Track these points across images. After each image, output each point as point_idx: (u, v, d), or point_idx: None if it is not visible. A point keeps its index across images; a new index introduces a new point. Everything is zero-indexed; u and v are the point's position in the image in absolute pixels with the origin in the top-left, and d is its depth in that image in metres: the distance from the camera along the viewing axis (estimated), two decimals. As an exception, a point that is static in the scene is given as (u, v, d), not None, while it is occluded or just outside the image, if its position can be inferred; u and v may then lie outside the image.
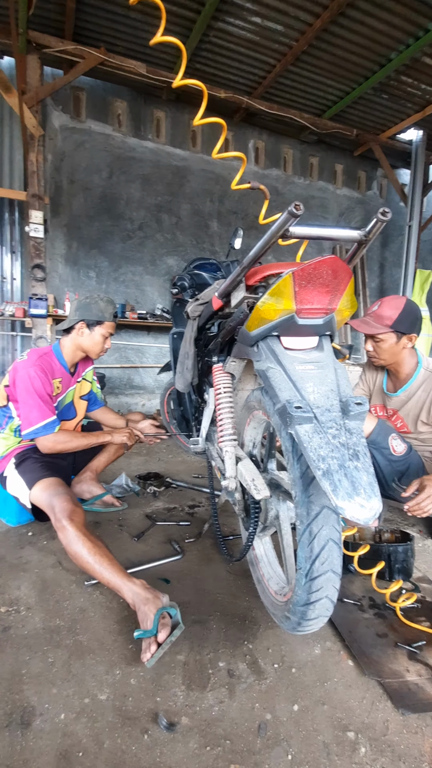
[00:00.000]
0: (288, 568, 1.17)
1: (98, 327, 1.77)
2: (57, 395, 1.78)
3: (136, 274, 4.67)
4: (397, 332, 1.66)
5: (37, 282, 3.68)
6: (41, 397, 1.62)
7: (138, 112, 4.51)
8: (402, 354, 1.73)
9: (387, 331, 1.66)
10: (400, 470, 1.78)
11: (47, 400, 1.65)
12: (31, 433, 1.61)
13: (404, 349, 1.72)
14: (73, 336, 1.79)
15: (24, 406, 1.62)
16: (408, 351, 1.74)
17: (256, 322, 1.09)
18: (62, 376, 1.80)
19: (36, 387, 1.62)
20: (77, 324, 1.77)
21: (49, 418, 1.63)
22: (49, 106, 4.09)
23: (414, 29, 3.37)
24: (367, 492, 0.81)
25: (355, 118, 4.70)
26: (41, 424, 1.61)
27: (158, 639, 1.10)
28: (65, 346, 1.81)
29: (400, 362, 1.76)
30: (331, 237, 1.03)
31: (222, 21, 3.38)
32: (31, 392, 1.61)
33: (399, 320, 1.64)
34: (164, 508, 2.09)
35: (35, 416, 1.60)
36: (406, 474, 1.78)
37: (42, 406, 1.62)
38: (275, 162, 5.20)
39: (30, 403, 1.61)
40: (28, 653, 1.13)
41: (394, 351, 1.71)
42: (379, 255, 5.97)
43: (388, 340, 1.68)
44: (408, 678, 1.10)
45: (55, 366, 1.77)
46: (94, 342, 1.79)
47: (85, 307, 1.76)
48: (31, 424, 1.60)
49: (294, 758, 0.90)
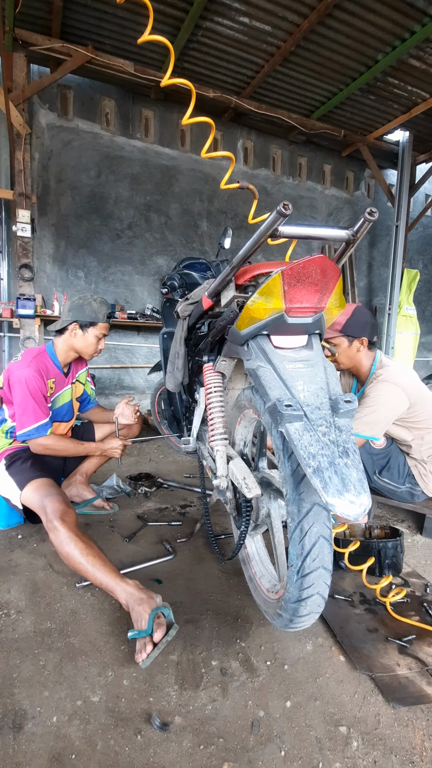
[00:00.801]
0: (280, 565, 1.18)
1: (92, 328, 1.76)
2: (51, 395, 1.76)
3: (125, 274, 4.64)
4: (347, 336, 1.76)
5: (24, 282, 3.63)
6: (36, 398, 1.61)
7: (126, 111, 4.48)
8: (358, 357, 1.80)
9: (337, 335, 1.76)
10: (381, 464, 1.83)
11: (42, 401, 1.64)
12: (25, 435, 1.61)
13: (359, 353, 1.79)
14: (65, 337, 1.78)
15: (19, 408, 1.61)
16: (364, 354, 1.81)
17: (246, 321, 1.09)
18: (56, 377, 1.79)
19: (31, 388, 1.61)
20: (70, 325, 1.75)
21: (42, 420, 1.62)
22: (36, 104, 4.04)
23: (400, 31, 3.41)
24: (357, 488, 0.82)
25: (343, 119, 4.74)
26: (34, 426, 1.61)
27: (154, 639, 1.09)
28: (58, 346, 1.80)
29: (358, 365, 1.83)
30: (319, 236, 1.04)
31: (210, 20, 3.38)
32: (26, 394, 1.60)
33: (348, 325, 1.74)
34: (156, 509, 2.08)
35: (29, 418, 1.60)
36: (386, 467, 1.83)
37: (36, 408, 1.61)
38: (264, 162, 5.22)
39: (25, 404, 1.60)
40: (19, 657, 1.12)
41: (349, 354, 1.79)
42: (367, 254, 6.03)
43: (341, 345, 1.78)
44: (398, 672, 1.11)
45: (50, 366, 1.75)
46: (87, 343, 1.78)
47: (78, 308, 1.75)
48: (24, 426, 1.60)
49: (287, 754, 0.90)
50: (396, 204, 5.19)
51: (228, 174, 1.62)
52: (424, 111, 4.43)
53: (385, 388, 1.68)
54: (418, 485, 1.82)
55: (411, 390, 1.71)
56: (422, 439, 1.77)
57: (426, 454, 1.79)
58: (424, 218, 6.13)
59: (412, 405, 1.71)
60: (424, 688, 1.06)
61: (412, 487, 1.83)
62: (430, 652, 1.18)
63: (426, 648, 1.20)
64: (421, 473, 1.81)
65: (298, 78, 4.04)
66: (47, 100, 4.10)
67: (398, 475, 1.83)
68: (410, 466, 1.82)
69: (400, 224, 5.13)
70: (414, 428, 1.76)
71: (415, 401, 1.72)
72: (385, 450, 1.82)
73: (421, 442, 1.78)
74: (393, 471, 1.83)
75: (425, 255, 6.44)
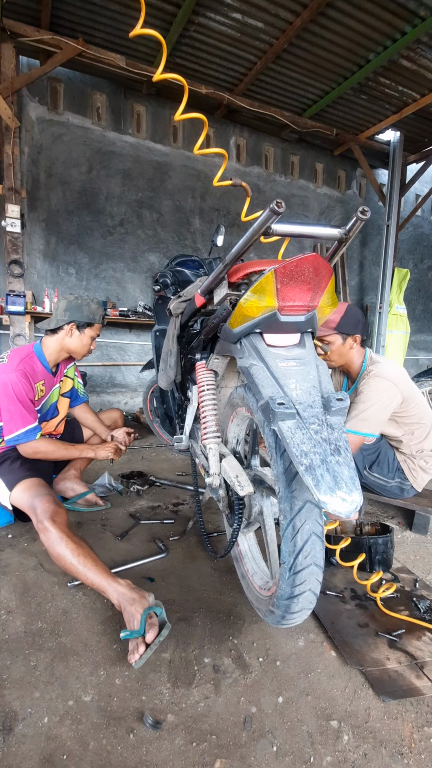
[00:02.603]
0: (272, 562, 1.18)
1: (88, 329, 1.76)
2: (40, 399, 1.74)
3: (117, 271, 4.60)
4: (341, 333, 1.77)
5: (14, 278, 3.58)
6: (23, 403, 1.59)
7: (118, 106, 4.43)
8: (350, 355, 1.82)
9: (332, 333, 1.77)
10: (371, 459, 1.85)
11: (29, 405, 1.62)
12: (13, 440, 1.59)
13: (351, 350, 1.81)
14: (60, 336, 1.75)
15: (5, 413, 1.59)
16: (356, 351, 1.83)
17: (239, 319, 1.09)
18: (45, 378, 1.76)
19: (17, 393, 1.58)
20: (67, 325, 1.73)
21: (30, 425, 1.60)
22: (26, 97, 3.98)
23: (392, 31, 3.42)
24: (349, 486, 0.82)
25: (335, 118, 4.76)
26: (22, 431, 1.59)
27: (146, 639, 1.09)
28: (48, 346, 1.76)
29: (349, 363, 1.85)
30: (312, 235, 1.04)
31: (203, 16, 3.35)
32: (13, 399, 1.58)
33: (341, 323, 1.76)
34: (148, 507, 2.08)
35: (17, 423, 1.58)
36: (376, 462, 1.85)
37: (23, 413, 1.59)
38: (256, 160, 5.21)
39: (11, 409, 1.58)
40: (9, 657, 1.11)
41: (342, 352, 1.81)
42: (359, 254, 6.07)
43: (335, 342, 1.79)
44: (388, 666, 1.13)
45: (38, 368, 1.72)
46: (82, 344, 1.77)
47: (77, 308, 1.73)
48: (12, 431, 1.58)
49: (279, 749, 0.91)
50: (387, 203, 5.23)
51: (221, 171, 1.62)
52: (415, 111, 4.47)
53: (378, 384, 1.70)
54: (408, 480, 1.85)
55: (402, 385, 1.73)
56: (412, 434, 1.80)
57: (415, 449, 1.82)
58: (414, 218, 6.20)
59: (404, 400, 1.73)
60: (413, 681, 1.08)
61: (402, 481, 1.85)
62: (419, 646, 1.20)
63: (415, 642, 1.22)
64: (411, 468, 1.84)
65: (290, 76, 4.04)
66: (37, 93, 4.03)
67: (388, 469, 1.85)
68: (399, 461, 1.85)
69: (391, 224, 5.17)
70: (404, 423, 1.79)
71: (407, 396, 1.74)
72: (374, 445, 1.84)
73: (411, 437, 1.80)
74: (383, 466, 1.85)
75: (415, 254, 6.51)
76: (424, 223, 6.51)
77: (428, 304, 6.76)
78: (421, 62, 3.77)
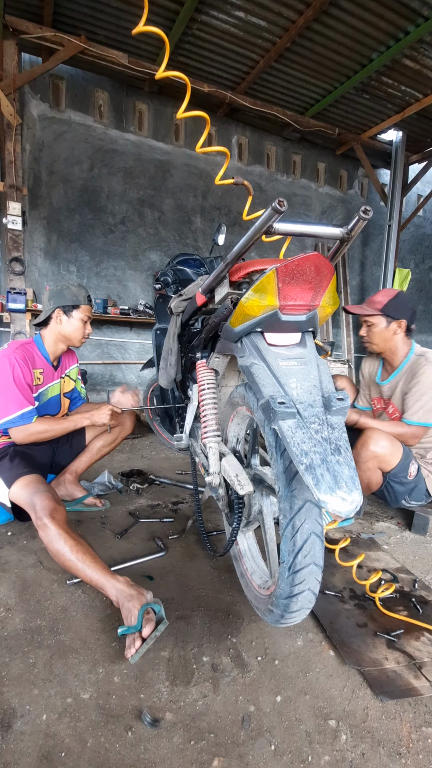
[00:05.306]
0: (271, 561, 1.18)
1: (75, 311, 1.75)
2: (38, 386, 1.74)
3: (118, 269, 4.60)
4: (386, 316, 1.71)
5: (15, 276, 3.58)
6: (19, 385, 1.59)
7: (120, 104, 4.42)
8: (393, 340, 1.76)
9: (376, 314, 1.71)
10: (411, 488, 1.81)
11: (25, 389, 1.61)
12: (8, 423, 1.58)
13: (395, 335, 1.75)
14: (52, 326, 1.76)
15: (1, 396, 1.58)
16: (401, 339, 1.77)
17: (240, 318, 1.09)
18: (44, 367, 1.76)
19: (15, 375, 1.58)
20: (53, 313, 1.74)
21: (25, 408, 1.59)
22: (27, 94, 3.97)
23: (395, 31, 3.41)
24: (349, 485, 0.82)
25: (337, 117, 4.74)
26: (18, 414, 1.58)
27: (143, 634, 1.09)
28: (46, 337, 1.78)
29: (393, 349, 1.78)
30: (314, 234, 1.04)
31: (205, 14, 3.34)
32: (9, 381, 1.58)
33: (388, 305, 1.69)
34: (147, 505, 2.08)
35: (12, 406, 1.57)
36: (415, 489, 1.81)
37: (19, 396, 1.58)
38: (258, 159, 5.20)
39: (7, 392, 1.57)
40: (8, 655, 1.11)
41: (385, 336, 1.75)
42: (360, 253, 6.07)
43: (378, 324, 1.73)
44: (387, 666, 1.13)
45: (37, 356, 1.74)
46: (74, 328, 1.76)
47: (58, 294, 1.74)
48: (7, 414, 1.57)
49: (277, 748, 0.91)
50: (389, 203, 5.22)
51: (223, 170, 1.61)
52: (418, 111, 4.46)
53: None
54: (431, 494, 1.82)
55: None
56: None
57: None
58: (416, 218, 6.18)
59: None
60: (412, 681, 1.08)
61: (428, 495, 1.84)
62: (417, 646, 1.20)
63: (413, 642, 1.22)
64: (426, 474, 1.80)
65: (293, 75, 4.03)
66: (39, 91, 4.03)
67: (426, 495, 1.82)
68: (423, 476, 1.80)
69: (392, 224, 5.16)
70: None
71: None
72: (415, 479, 1.79)
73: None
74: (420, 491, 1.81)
75: (417, 254, 6.50)
76: (425, 223, 6.50)
77: (429, 305, 6.76)
78: (424, 62, 3.76)
